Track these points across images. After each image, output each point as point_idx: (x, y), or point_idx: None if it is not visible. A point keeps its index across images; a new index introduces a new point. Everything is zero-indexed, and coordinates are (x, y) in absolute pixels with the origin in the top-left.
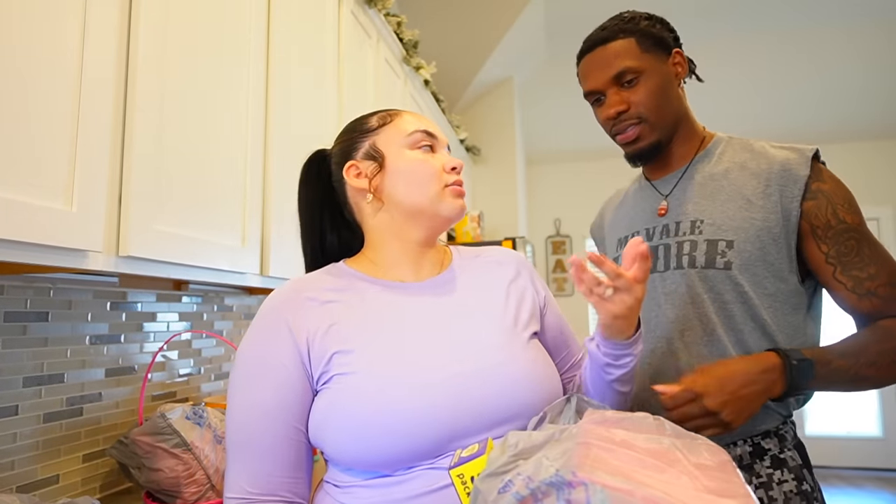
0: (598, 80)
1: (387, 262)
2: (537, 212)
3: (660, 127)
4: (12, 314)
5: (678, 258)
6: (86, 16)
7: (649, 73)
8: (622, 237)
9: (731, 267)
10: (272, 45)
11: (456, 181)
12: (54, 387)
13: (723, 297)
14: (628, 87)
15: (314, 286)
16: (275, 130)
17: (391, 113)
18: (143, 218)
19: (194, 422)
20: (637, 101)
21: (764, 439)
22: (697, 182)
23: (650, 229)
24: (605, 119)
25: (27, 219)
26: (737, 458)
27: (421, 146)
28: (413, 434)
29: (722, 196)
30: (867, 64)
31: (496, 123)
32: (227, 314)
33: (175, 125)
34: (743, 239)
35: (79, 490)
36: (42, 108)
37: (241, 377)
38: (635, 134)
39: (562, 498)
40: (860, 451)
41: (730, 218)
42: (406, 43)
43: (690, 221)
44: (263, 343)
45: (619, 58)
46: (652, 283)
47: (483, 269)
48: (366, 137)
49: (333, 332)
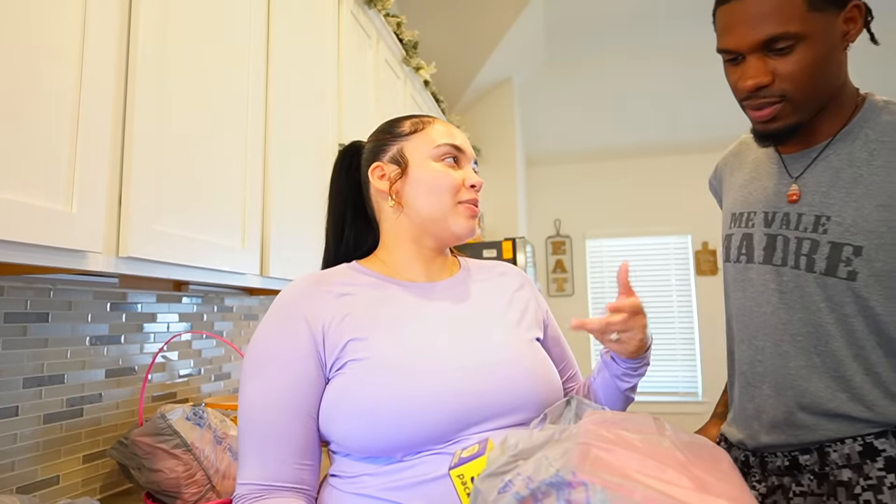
0: (741, 40)
1: (398, 264)
2: (537, 212)
3: (805, 107)
4: (12, 315)
5: (796, 256)
6: (86, 16)
7: (811, 39)
8: (737, 213)
9: (856, 278)
10: (272, 46)
11: (472, 199)
12: (54, 387)
13: (843, 310)
14: (778, 54)
15: (330, 280)
16: (274, 131)
17: (425, 120)
18: (143, 219)
19: (194, 422)
20: (785, 75)
21: (878, 438)
22: (834, 166)
23: (769, 214)
24: (738, 88)
25: (27, 219)
26: (844, 456)
27: (445, 159)
28: (420, 421)
29: (859, 189)
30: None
31: (496, 124)
32: (228, 315)
33: (175, 125)
34: (876, 246)
35: (79, 491)
36: (42, 109)
37: (256, 366)
38: (772, 113)
39: (562, 498)
40: None
41: (863, 218)
42: (406, 43)
43: (815, 216)
44: (280, 334)
45: (776, 16)
46: (766, 276)
47: (489, 277)
48: (395, 141)
49: (348, 321)
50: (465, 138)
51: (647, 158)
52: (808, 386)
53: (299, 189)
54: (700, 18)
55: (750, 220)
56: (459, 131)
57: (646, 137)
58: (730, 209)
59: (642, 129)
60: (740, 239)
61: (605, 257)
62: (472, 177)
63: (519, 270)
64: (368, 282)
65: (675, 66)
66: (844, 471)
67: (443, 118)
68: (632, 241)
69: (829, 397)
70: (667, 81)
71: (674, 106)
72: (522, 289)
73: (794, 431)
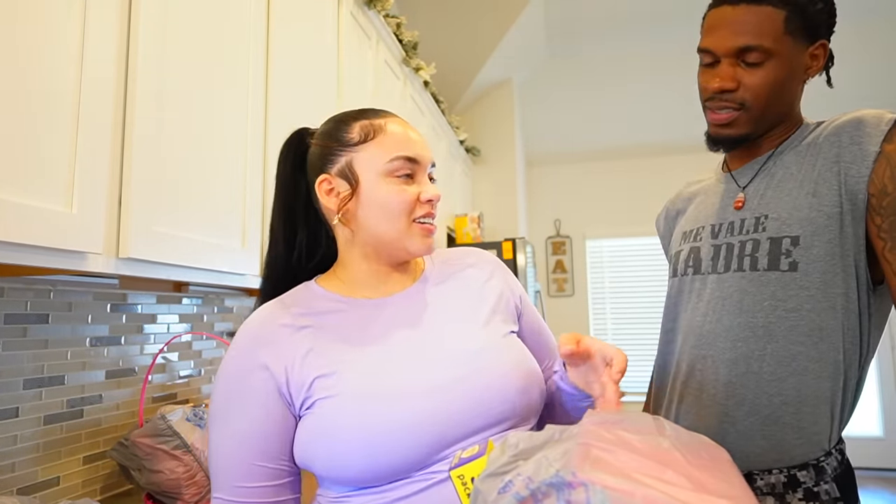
0: (720, 43)
1: (356, 281)
2: (537, 212)
3: (758, 121)
4: (13, 316)
5: (739, 259)
6: (86, 16)
7: (779, 60)
8: (687, 231)
9: (797, 268)
10: (272, 46)
11: (427, 214)
12: (55, 389)
13: (786, 305)
14: (747, 66)
15: (286, 313)
16: (274, 131)
17: (376, 125)
18: (143, 220)
19: (195, 423)
20: (749, 86)
21: (800, 471)
22: (772, 173)
23: (716, 226)
24: (705, 87)
25: (27, 221)
26: (769, 486)
27: (399, 174)
28: (397, 451)
29: (791, 184)
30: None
31: (496, 124)
32: (228, 316)
33: (175, 126)
34: (811, 232)
35: (79, 492)
36: (42, 110)
37: (219, 411)
38: (728, 119)
39: (562, 498)
40: (861, 450)
41: (796, 208)
42: (405, 44)
43: (755, 217)
44: (240, 381)
45: (756, 29)
46: (711, 285)
47: (455, 273)
48: (344, 152)
49: (312, 357)
50: (421, 141)
51: (647, 159)
52: (745, 393)
53: None
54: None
55: (698, 234)
56: (415, 131)
57: (646, 138)
58: (681, 229)
59: (643, 130)
60: (688, 253)
61: (605, 257)
62: (427, 190)
63: (490, 256)
64: (328, 307)
65: (676, 66)
66: (768, 499)
67: (442, 119)
68: (632, 241)
69: (766, 403)
70: (667, 81)
71: (674, 106)
72: (493, 278)
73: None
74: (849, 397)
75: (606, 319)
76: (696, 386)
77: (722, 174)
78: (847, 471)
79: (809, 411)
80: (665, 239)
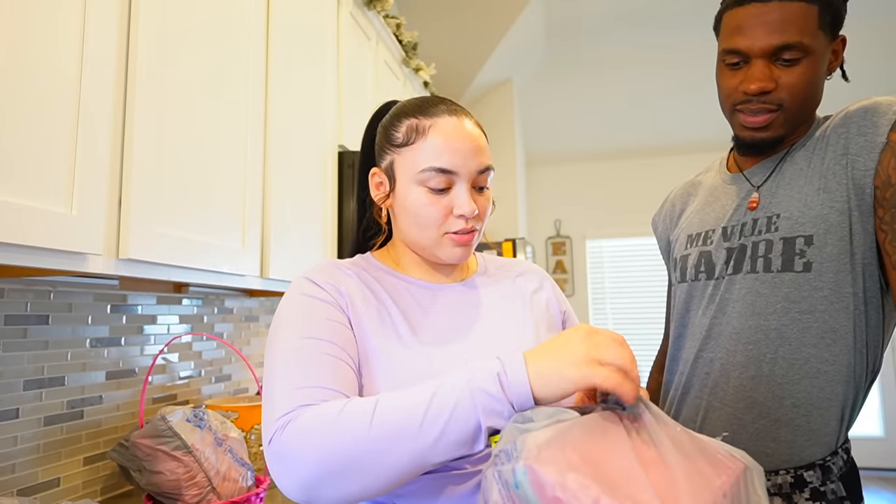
0: (754, 42)
1: (408, 266)
2: (537, 212)
3: (794, 122)
4: (13, 317)
5: (752, 261)
6: (85, 16)
7: (815, 56)
8: (693, 234)
9: (811, 269)
10: (271, 47)
11: (462, 229)
12: (55, 390)
13: (799, 307)
14: (785, 64)
15: (346, 265)
16: (274, 132)
17: (420, 128)
18: (143, 220)
19: (195, 424)
20: (788, 85)
21: (807, 471)
22: (783, 171)
23: (728, 229)
24: (738, 90)
25: (27, 222)
26: (776, 486)
27: (430, 186)
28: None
29: (801, 181)
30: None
31: (496, 124)
32: (228, 316)
33: (175, 127)
34: (824, 231)
35: (80, 493)
36: (42, 110)
37: (286, 318)
38: (767, 120)
39: (498, 464)
40: (862, 450)
41: (808, 206)
42: (405, 45)
43: (767, 217)
44: (312, 291)
45: (794, 26)
46: (723, 288)
47: (506, 279)
48: (390, 151)
49: (364, 319)
50: (468, 148)
51: (647, 158)
52: (756, 397)
53: (299, 190)
54: (701, 19)
55: (708, 237)
56: (464, 136)
57: (646, 137)
58: (685, 232)
59: (643, 129)
60: (697, 257)
61: (605, 258)
62: (461, 205)
63: (539, 270)
64: (381, 278)
65: (676, 66)
66: (776, 499)
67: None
68: (632, 241)
69: (776, 406)
70: (667, 81)
71: (674, 106)
72: (541, 290)
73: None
74: (860, 398)
75: (607, 319)
76: (705, 389)
77: (728, 174)
78: (852, 469)
79: (820, 414)
80: (663, 241)
